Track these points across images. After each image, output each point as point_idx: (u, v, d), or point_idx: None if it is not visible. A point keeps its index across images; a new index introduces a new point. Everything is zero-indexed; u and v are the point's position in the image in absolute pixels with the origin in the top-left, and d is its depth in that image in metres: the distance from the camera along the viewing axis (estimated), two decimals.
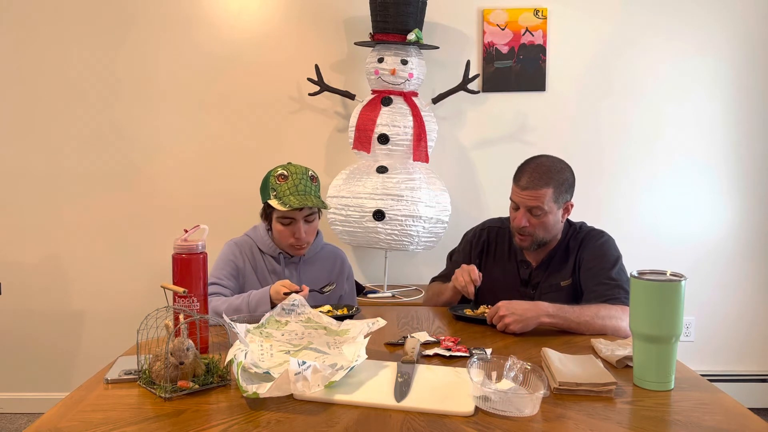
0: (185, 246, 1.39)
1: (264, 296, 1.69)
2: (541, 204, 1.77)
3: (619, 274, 1.78)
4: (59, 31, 2.85)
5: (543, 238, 1.83)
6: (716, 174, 2.92)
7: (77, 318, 2.98)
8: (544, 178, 1.77)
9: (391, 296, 2.61)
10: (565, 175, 1.82)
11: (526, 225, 1.80)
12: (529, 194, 1.77)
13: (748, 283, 2.97)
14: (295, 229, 1.79)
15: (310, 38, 2.87)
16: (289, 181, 1.76)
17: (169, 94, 2.89)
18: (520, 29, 2.84)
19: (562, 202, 1.82)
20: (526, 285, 1.91)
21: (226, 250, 1.89)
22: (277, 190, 1.76)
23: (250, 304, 1.69)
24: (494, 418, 1.07)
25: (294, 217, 1.79)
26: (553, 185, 1.78)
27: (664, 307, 1.20)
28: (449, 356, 1.40)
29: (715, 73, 2.88)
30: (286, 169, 1.80)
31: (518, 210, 1.82)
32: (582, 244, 1.86)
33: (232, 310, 1.68)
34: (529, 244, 1.84)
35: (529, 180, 1.78)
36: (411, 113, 2.55)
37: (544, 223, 1.80)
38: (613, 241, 1.87)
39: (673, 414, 1.10)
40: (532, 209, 1.78)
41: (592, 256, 1.82)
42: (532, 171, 1.79)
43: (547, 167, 1.80)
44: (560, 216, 1.84)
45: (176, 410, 1.10)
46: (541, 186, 1.76)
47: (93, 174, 2.91)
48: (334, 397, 1.13)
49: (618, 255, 1.83)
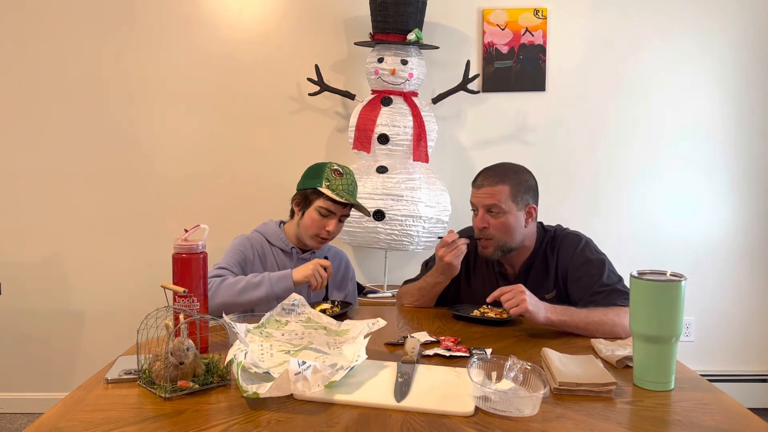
0: (185, 246, 1.39)
1: (285, 274, 1.72)
2: (498, 201, 1.73)
3: (610, 277, 1.72)
4: (59, 30, 2.85)
5: (505, 242, 1.77)
6: (716, 174, 2.92)
7: (77, 318, 2.98)
8: (499, 175, 1.77)
9: (391, 296, 2.61)
10: (523, 176, 1.79)
11: (486, 226, 1.75)
12: (485, 192, 1.75)
13: (748, 283, 2.97)
14: (329, 222, 1.84)
15: (310, 38, 2.87)
16: (344, 179, 1.85)
17: (169, 94, 2.89)
18: (520, 29, 2.84)
19: (523, 204, 1.77)
20: None
21: (237, 242, 1.91)
22: (332, 182, 1.83)
23: (271, 280, 1.71)
24: (494, 418, 1.07)
25: (335, 212, 1.84)
26: (509, 183, 1.75)
27: (664, 307, 1.19)
28: (449, 356, 1.40)
29: (716, 73, 2.88)
30: (341, 167, 1.88)
31: (477, 213, 1.80)
32: (560, 251, 1.80)
33: (252, 285, 1.70)
34: (492, 250, 1.78)
35: (484, 178, 1.78)
36: (411, 113, 2.55)
37: (504, 224, 1.75)
38: (591, 242, 1.81)
39: (673, 414, 1.10)
40: (490, 208, 1.75)
41: (576, 266, 1.76)
42: (487, 171, 1.80)
43: (503, 168, 1.80)
44: (523, 220, 1.77)
45: (176, 410, 1.10)
46: (495, 183, 1.75)
47: (93, 174, 2.91)
48: (334, 397, 1.13)
49: (602, 257, 1.77)
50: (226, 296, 1.67)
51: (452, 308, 1.80)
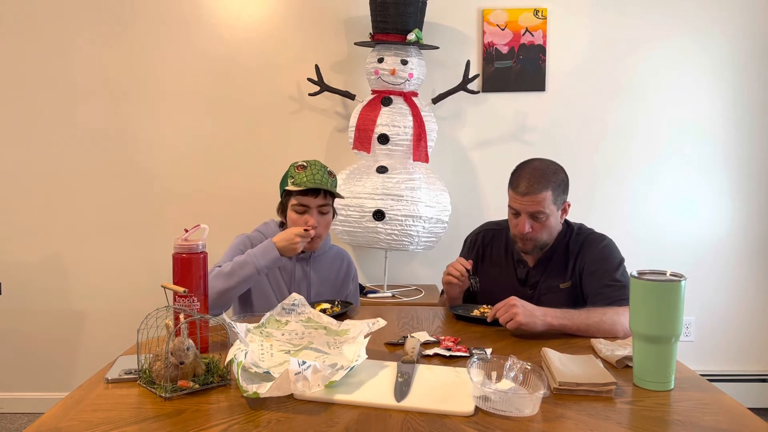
0: (185, 246, 1.39)
1: (268, 245, 1.73)
2: (543, 208, 1.75)
3: (624, 275, 1.76)
4: (59, 31, 2.85)
5: (546, 241, 1.82)
6: (716, 174, 2.93)
7: (77, 318, 2.98)
8: (542, 181, 1.75)
9: (391, 296, 2.61)
10: (560, 176, 1.81)
11: (530, 230, 1.78)
12: (530, 200, 1.75)
13: (748, 283, 2.97)
14: (308, 218, 1.83)
15: (310, 38, 2.87)
16: (308, 171, 1.82)
17: (169, 94, 2.89)
18: (520, 29, 2.84)
19: (561, 203, 1.81)
20: (523, 285, 1.90)
21: (237, 240, 1.91)
22: (295, 177, 1.81)
23: (256, 256, 1.71)
24: (494, 418, 1.07)
25: (308, 205, 1.83)
26: (551, 188, 1.76)
27: (663, 307, 1.19)
28: (449, 356, 1.40)
29: (715, 73, 2.88)
30: (307, 161, 1.85)
31: (518, 216, 1.80)
32: (582, 248, 1.84)
33: (238, 265, 1.70)
34: (532, 248, 1.82)
35: (528, 185, 1.75)
36: (411, 113, 2.55)
37: (547, 227, 1.79)
38: (614, 244, 1.85)
39: (673, 414, 1.10)
40: (535, 214, 1.76)
41: (594, 260, 1.80)
42: (530, 176, 1.76)
43: (542, 170, 1.78)
44: (560, 217, 1.84)
45: (176, 410, 1.10)
46: (540, 190, 1.74)
47: (93, 174, 2.91)
48: (334, 397, 1.13)
49: (621, 258, 1.81)
50: (218, 284, 1.68)
51: (452, 308, 1.80)
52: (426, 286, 2.81)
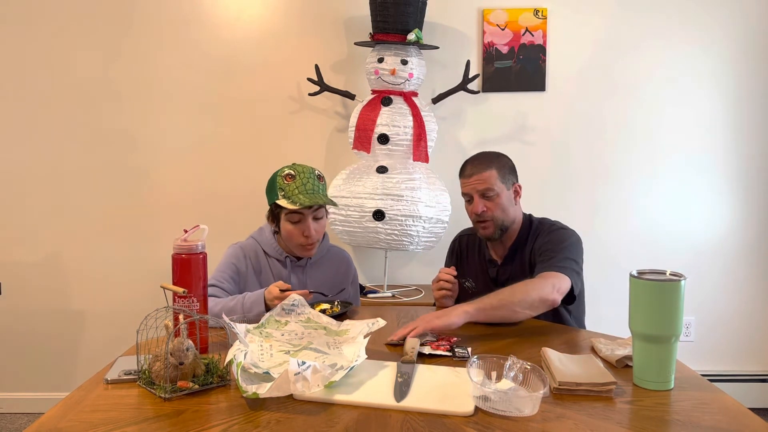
0: (185, 246, 1.39)
1: (259, 298, 1.68)
2: (490, 185, 1.86)
3: (566, 250, 1.76)
4: (59, 31, 2.85)
5: (503, 220, 1.88)
6: (716, 174, 2.92)
7: (77, 318, 2.98)
8: (485, 162, 1.90)
9: (391, 296, 2.61)
10: (503, 160, 1.93)
11: (484, 209, 1.87)
12: (477, 179, 1.88)
13: (748, 283, 2.97)
14: (305, 227, 1.79)
15: (310, 38, 2.87)
16: (297, 180, 1.76)
17: (169, 95, 2.89)
18: (520, 29, 2.84)
19: (510, 184, 1.91)
20: (496, 283, 1.92)
21: (230, 252, 1.88)
22: (286, 190, 1.76)
23: (244, 305, 1.67)
24: (494, 418, 1.07)
25: (304, 214, 1.78)
26: (495, 167, 1.88)
27: (663, 307, 1.19)
28: (428, 354, 1.40)
29: (715, 73, 2.88)
30: (293, 168, 1.79)
31: (472, 201, 1.90)
32: (538, 237, 1.89)
33: (227, 312, 1.66)
34: (492, 230, 1.89)
35: (472, 167, 1.90)
36: (411, 113, 2.55)
37: (499, 204, 1.87)
38: (570, 232, 1.85)
39: (673, 414, 1.10)
40: (484, 192, 1.87)
41: (543, 242, 1.84)
42: (473, 160, 1.93)
43: (485, 155, 1.94)
44: (512, 197, 1.91)
45: (176, 410, 1.10)
46: (483, 169, 1.88)
47: (93, 174, 2.91)
48: (334, 397, 1.13)
49: (569, 234, 1.82)
50: None
51: None
52: (426, 286, 2.81)
